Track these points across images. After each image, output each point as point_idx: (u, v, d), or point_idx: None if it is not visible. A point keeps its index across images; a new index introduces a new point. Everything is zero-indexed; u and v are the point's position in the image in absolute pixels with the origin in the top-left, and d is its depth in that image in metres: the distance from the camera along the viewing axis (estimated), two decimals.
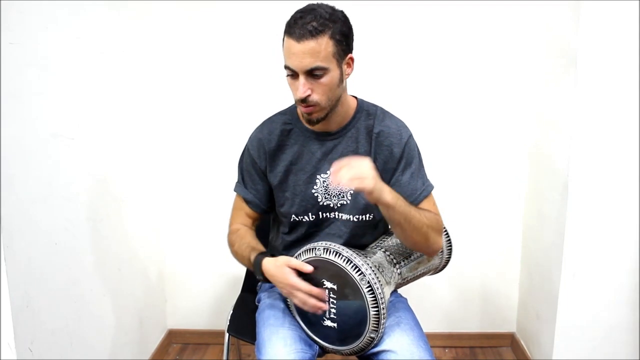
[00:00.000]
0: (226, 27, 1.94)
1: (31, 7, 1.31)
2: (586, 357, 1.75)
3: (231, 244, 1.36)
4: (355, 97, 1.32)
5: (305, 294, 1.16)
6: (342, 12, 1.17)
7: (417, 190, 1.27)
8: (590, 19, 1.53)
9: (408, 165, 1.27)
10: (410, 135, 1.29)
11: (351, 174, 1.06)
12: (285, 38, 1.14)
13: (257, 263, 1.23)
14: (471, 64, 1.94)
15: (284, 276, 1.18)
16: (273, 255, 1.24)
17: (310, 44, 1.10)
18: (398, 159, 1.26)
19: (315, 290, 1.15)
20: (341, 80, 1.18)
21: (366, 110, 1.30)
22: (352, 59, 1.20)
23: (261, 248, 1.30)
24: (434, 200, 1.31)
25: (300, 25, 1.10)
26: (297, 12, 1.14)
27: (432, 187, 1.31)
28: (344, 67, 1.18)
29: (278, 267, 1.19)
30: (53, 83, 1.41)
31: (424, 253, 1.33)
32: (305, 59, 1.12)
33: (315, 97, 1.16)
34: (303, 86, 1.15)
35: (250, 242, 1.32)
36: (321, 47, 1.11)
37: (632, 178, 1.62)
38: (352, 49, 1.20)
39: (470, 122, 1.99)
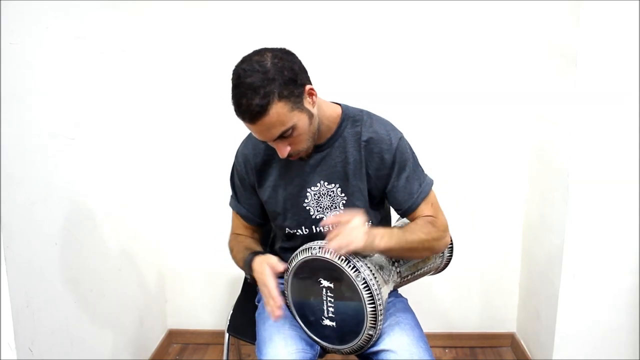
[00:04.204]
0: (226, 26, 1.94)
1: (31, 7, 1.31)
2: (586, 358, 1.75)
3: (231, 249, 1.37)
4: (339, 104, 1.27)
5: (268, 294, 1.13)
6: (273, 58, 1.07)
7: (414, 194, 1.25)
8: (590, 19, 1.53)
9: (402, 169, 1.24)
10: (401, 138, 1.25)
11: (339, 243, 1.07)
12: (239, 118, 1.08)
13: (248, 261, 1.24)
14: (471, 64, 1.93)
15: (261, 272, 1.17)
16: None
17: (264, 121, 1.05)
18: (390, 165, 1.24)
19: (275, 294, 1.12)
20: (311, 116, 1.13)
21: (352, 117, 1.25)
22: (311, 90, 1.12)
23: (257, 249, 1.30)
24: (434, 197, 1.29)
25: (245, 109, 1.04)
26: (233, 87, 1.06)
27: (430, 185, 1.28)
28: (307, 105, 1.11)
29: (260, 263, 1.19)
30: (53, 83, 1.41)
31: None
32: (268, 132, 1.09)
33: (296, 148, 1.15)
34: (280, 150, 1.13)
35: (248, 245, 1.32)
36: (275, 116, 1.05)
37: (632, 179, 1.61)
38: (305, 83, 1.11)
39: (470, 122, 1.98)
